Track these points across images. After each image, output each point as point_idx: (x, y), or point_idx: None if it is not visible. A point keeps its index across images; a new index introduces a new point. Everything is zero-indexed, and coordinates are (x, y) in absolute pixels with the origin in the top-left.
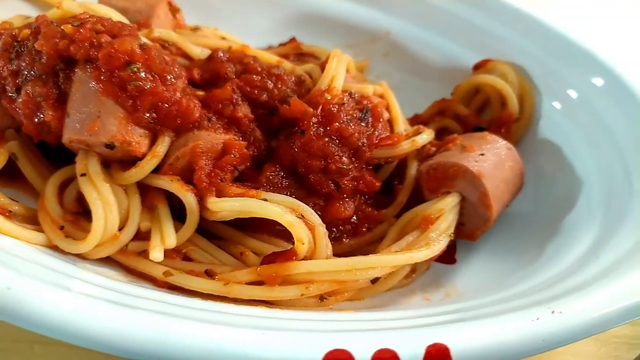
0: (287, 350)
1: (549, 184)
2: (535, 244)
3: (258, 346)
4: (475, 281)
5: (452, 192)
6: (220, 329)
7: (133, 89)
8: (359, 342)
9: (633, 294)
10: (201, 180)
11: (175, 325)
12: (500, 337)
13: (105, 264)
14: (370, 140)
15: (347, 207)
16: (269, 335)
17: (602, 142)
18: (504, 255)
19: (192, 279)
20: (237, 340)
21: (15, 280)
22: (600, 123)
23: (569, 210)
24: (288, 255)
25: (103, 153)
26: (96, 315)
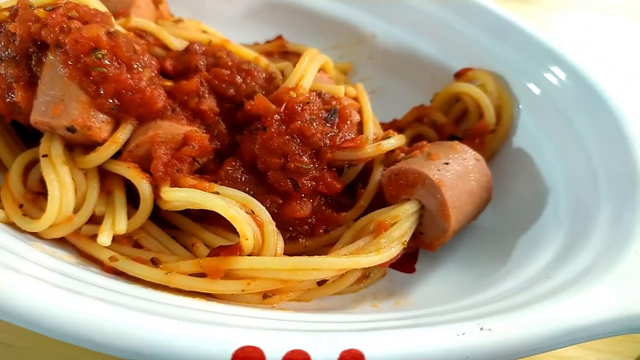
0: (197, 341)
1: (518, 197)
2: (496, 259)
3: (169, 335)
4: (428, 292)
5: (412, 199)
6: (138, 315)
7: (97, 75)
8: (273, 341)
9: (567, 320)
10: (157, 169)
11: (93, 307)
12: (419, 348)
13: (58, 245)
14: (333, 142)
15: (304, 207)
16: (184, 325)
17: (574, 153)
18: (464, 268)
19: (136, 265)
20: (151, 328)
21: None
22: (573, 133)
23: (533, 225)
24: (233, 249)
25: (66, 136)
26: (47, 300)
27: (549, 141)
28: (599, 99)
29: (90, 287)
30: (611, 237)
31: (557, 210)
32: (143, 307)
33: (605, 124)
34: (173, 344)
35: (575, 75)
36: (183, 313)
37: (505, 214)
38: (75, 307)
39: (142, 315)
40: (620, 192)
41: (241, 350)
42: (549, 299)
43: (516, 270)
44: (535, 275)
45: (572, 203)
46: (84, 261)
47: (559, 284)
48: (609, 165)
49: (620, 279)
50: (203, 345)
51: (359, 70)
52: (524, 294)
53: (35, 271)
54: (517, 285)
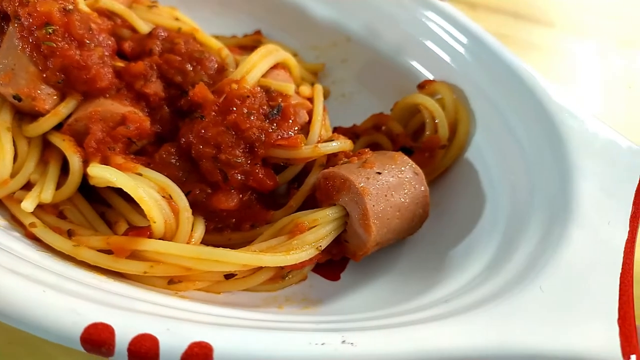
0: (54, 310)
1: (457, 212)
2: (419, 277)
3: (31, 301)
4: (343, 301)
5: (337, 204)
6: (15, 279)
7: (46, 49)
8: (125, 322)
9: (434, 344)
10: (90, 145)
11: None
12: (270, 351)
13: None
14: (269, 138)
15: (230, 199)
16: (49, 293)
17: (520, 175)
18: (389, 281)
19: (50, 234)
20: (19, 291)
21: None
22: (515, 141)
23: (464, 242)
24: (142, 232)
25: (15, 104)
26: None
27: (494, 155)
28: (552, 125)
29: None
30: (525, 266)
31: (491, 230)
32: (25, 272)
33: (552, 152)
34: (31, 309)
35: (529, 93)
36: (60, 283)
37: (443, 229)
38: None
39: (18, 278)
40: (547, 227)
41: (93, 325)
42: (433, 321)
43: (427, 291)
44: (445, 296)
45: (504, 225)
46: (12, 225)
47: (455, 308)
48: (545, 195)
49: (511, 312)
50: (58, 315)
51: (332, 72)
52: (419, 313)
53: None
54: (423, 304)
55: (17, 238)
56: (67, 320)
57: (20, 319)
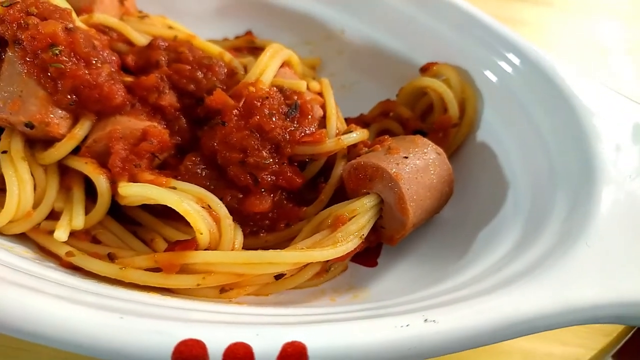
0: (139, 334)
1: (479, 190)
2: (455, 252)
3: (111, 329)
4: (387, 285)
5: (371, 193)
6: (82, 309)
7: (54, 71)
8: (214, 334)
9: (508, 312)
10: (115, 164)
11: (39, 300)
12: (362, 339)
13: (18, 240)
14: (293, 136)
15: (264, 202)
16: (127, 320)
17: (534, 148)
18: (424, 261)
19: (92, 260)
20: (94, 321)
21: None
22: (533, 127)
23: (492, 218)
24: (188, 244)
25: (25, 132)
26: None
27: (510, 136)
28: (560, 94)
29: (43, 282)
30: (564, 229)
31: (516, 203)
32: (90, 301)
33: (565, 119)
34: (114, 337)
35: (537, 69)
36: (131, 307)
37: (466, 208)
38: (23, 301)
39: (86, 308)
40: (575, 185)
41: (183, 343)
42: (495, 292)
43: (472, 264)
44: (489, 268)
45: (529, 197)
46: (42, 256)
47: (507, 277)
48: (565, 160)
49: (567, 271)
50: (145, 338)
51: (328, 65)
52: (475, 286)
53: None
54: (471, 277)
55: (53, 268)
56: (154, 342)
57: (105, 349)
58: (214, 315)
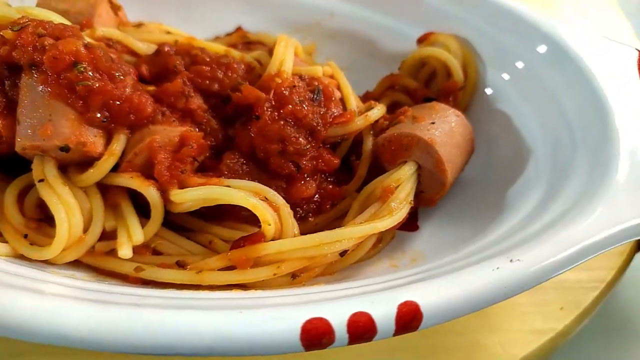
0: (265, 324)
1: (499, 148)
2: (488, 204)
3: (237, 325)
4: (437, 244)
5: (408, 161)
6: (198, 313)
7: (82, 89)
8: (333, 309)
9: (580, 240)
10: (162, 174)
11: (153, 314)
12: (465, 288)
13: (73, 268)
14: (325, 120)
15: (309, 186)
16: (247, 313)
17: (547, 107)
18: (460, 217)
19: (164, 271)
20: (216, 321)
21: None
22: (545, 89)
23: (517, 171)
24: (256, 237)
25: (59, 157)
26: (77, 314)
27: (526, 100)
28: (569, 59)
29: (129, 297)
30: (591, 173)
31: (537, 159)
32: (196, 305)
33: (579, 83)
34: (243, 332)
35: (547, 38)
36: (239, 303)
37: (490, 168)
38: (134, 316)
39: (201, 312)
40: (593, 140)
41: (308, 322)
42: (554, 227)
43: (510, 213)
44: (529, 215)
45: (550, 153)
46: (104, 278)
47: (555, 216)
48: (582, 118)
49: (608, 202)
50: (271, 326)
51: (323, 50)
52: (529, 228)
53: (64, 291)
54: (516, 223)
55: (124, 286)
56: (281, 328)
57: (240, 345)
58: (322, 294)
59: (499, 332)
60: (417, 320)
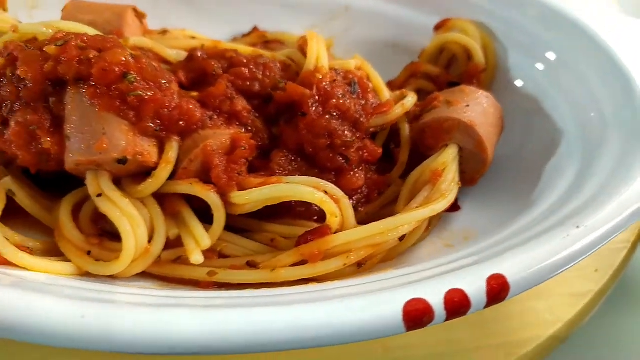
0: (368, 310)
1: (529, 127)
2: (524, 181)
3: (341, 313)
4: (484, 221)
5: (450, 144)
6: (301, 307)
7: (134, 100)
8: (429, 289)
9: (632, 203)
10: (220, 177)
11: (260, 313)
12: (543, 257)
13: (138, 279)
14: (366, 111)
15: (359, 177)
16: (347, 301)
17: (577, 90)
18: (498, 194)
19: (238, 272)
20: (320, 312)
21: (85, 308)
22: (577, 75)
23: (550, 148)
24: (323, 231)
25: (114, 170)
26: (187, 321)
27: (555, 85)
28: (595, 44)
29: (218, 299)
30: (624, 147)
31: (569, 136)
32: (306, 298)
33: (606, 65)
34: (348, 320)
35: (573, 25)
36: (333, 294)
37: (521, 147)
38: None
39: (312, 305)
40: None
41: (407, 304)
42: (602, 196)
43: (549, 188)
44: (570, 188)
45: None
46: (172, 287)
47: (597, 188)
48: (614, 107)
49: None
50: (375, 310)
51: (340, 43)
52: (576, 199)
53: (157, 301)
54: (561, 196)
55: (197, 291)
56: (384, 311)
57: (349, 331)
58: (407, 277)
59: (546, 298)
60: (505, 291)
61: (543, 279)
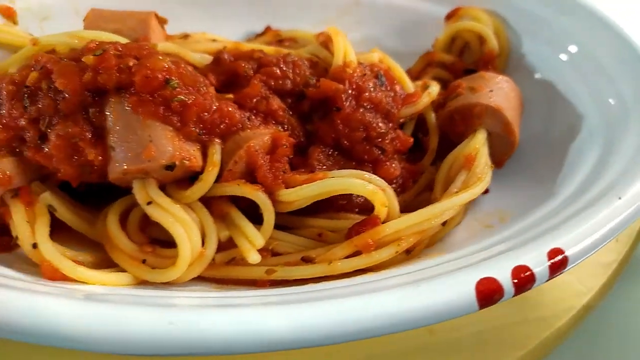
0: (443, 293)
1: (550, 113)
2: (549, 163)
3: (416, 298)
4: (515, 202)
5: (479, 129)
6: (381, 295)
7: (177, 105)
8: (496, 267)
9: None
10: (266, 177)
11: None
12: (595, 228)
13: (194, 284)
14: (396, 102)
15: (395, 167)
16: (421, 285)
17: (595, 76)
18: (523, 175)
19: (296, 268)
20: (400, 297)
21: (171, 315)
22: (595, 63)
23: (572, 130)
24: (373, 221)
25: (160, 177)
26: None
27: (574, 72)
28: (615, 33)
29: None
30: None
31: (590, 119)
32: (379, 286)
33: (624, 51)
34: (424, 303)
35: (590, 12)
36: (401, 280)
37: (545, 132)
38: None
39: (386, 292)
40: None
41: (479, 283)
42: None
43: (575, 169)
44: (595, 167)
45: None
46: (227, 288)
47: (622, 166)
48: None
49: None
50: (451, 292)
51: (353, 37)
52: (605, 176)
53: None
54: (587, 175)
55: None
56: (459, 292)
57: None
58: (464, 260)
59: (574, 269)
60: (564, 263)
61: (596, 248)
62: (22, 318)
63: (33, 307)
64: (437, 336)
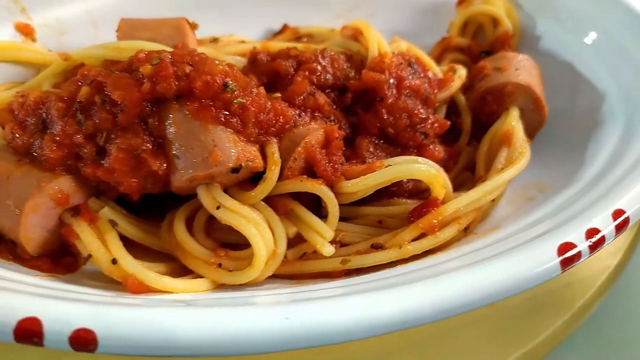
0: (527, 261)
1: (571, 92)
2: (575, 138)
3: (509, 268)
4: (550, 175)
5: (511, 107)
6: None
7: (237, 108)
8: (569, 232)
9: None
10: (326, 170)
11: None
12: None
13: (268, 282)
14: (432, 87)
15: (439, 150)
16: (512, 255)
17: (620, 62)
18: (554, 146)
19: (369, 256)
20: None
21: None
22: (616, 45)
23: (595, 105)
24: (433, 203)
25: (225, 180)
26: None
27: (596, 55)
28: None
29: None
30: None
31: (610, 98)
32: (450, 267)
33: None
34: (513, 273)
35: None
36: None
37: (566, 110)
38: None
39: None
40: None
41: (559, 248)
42: None
43: (603, 143)
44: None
45: None
46: (305, 282)
47: None
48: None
49: None
50: (534, 262)
51: None
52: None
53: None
54: (616, 145)
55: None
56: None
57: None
58: (514, 240)
59: None
60: (626, 222)
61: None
62: (152, 334)
63: (156, 322)
64: (495, 305)
